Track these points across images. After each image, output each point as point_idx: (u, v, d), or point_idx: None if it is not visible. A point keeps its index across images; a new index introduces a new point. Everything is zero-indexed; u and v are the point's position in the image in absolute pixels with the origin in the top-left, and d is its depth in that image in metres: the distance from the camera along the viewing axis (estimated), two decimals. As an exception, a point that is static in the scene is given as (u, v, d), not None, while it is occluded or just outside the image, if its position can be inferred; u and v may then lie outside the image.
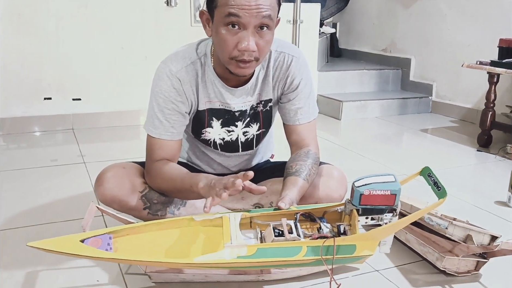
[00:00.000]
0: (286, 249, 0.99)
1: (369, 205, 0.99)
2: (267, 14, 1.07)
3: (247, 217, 1.10)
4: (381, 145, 2.71)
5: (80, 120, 2.78)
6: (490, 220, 1.65)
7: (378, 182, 0.98)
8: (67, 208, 1.65)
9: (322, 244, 0.98)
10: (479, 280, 1.25)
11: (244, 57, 1.10)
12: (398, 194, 0.98)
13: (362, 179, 1.00)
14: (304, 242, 1.00)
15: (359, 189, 0.98)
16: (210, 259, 0.98)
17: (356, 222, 1.02)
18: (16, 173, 2.00)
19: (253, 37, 1.08)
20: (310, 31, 3.26)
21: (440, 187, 1.01)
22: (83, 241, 0.98)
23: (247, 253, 0.98)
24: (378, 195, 0.98)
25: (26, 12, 2.56)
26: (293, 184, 1.16)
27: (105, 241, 0.99)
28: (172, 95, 1.21)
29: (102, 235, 1.01)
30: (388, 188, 0.98)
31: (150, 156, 1.25)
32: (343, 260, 1.02)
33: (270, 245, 1.00)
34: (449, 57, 3.39)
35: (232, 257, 0.97)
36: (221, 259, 0.98)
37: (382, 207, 1.00)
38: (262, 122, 1.35)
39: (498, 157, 2.42)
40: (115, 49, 2.79)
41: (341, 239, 1.00)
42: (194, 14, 2.85)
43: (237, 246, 0.98)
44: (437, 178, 1.03)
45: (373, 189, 0.98)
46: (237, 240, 0.99)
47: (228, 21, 1.07)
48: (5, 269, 1.25)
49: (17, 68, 2.60)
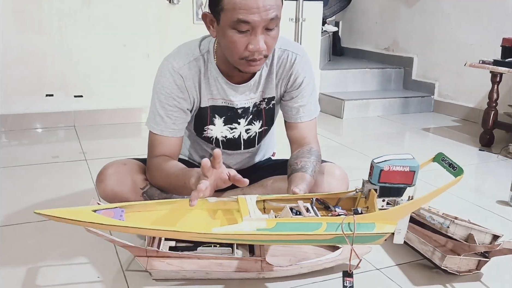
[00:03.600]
0: (306, 224, 0.98)
1: (388, 183, 0.99)
2: (274, 15, 1.07)
3: (261, 199, 1.08)
4: (383, 144, 2.71)
5: (82, 117, 2.78)
6: (491, 219, 1.65)
7: (397, 159, 0.99)
8: (68, 204, 1.65)
9: (343, 220, 0.98)
10: (481, 279, 1.25)
11: (254, 56, 1.10)
12: (416, 172, 0.99)
13: (381, 156, 1.00)
14: (324, 219, 0.99)
15: (379, 165, 0.98)
16: (229, 230, 0.96)
17: (375, 201, 1.01)
18: (17, 170, 2.00)
19: (262, 37, 1.09)
20: (312, 30, 3.26)
21: (455, 167, 1.02)
22: (95, 211, 0.97)
23: (266, 226, 0.97)
24: (397, 171, 0.98)
25: (29, 9, 2.56)
26: (301, 179, 1.16)
27: (117, 213, 0.98)
28: (174, 91, 1.21)
29: (114, 208, 1.00)
30: (407, 164, 0.98)
31: (151, 152, 1.25)
32: (363, 238, 1.01)
33: (289, 219, 0.98)
34: (452, 56, 3.38)
35: (251, 229, 0.96)
36: (240, 231, 0.96)
37: (401, 185, 1.00)
38: (264, 119, 1.35)
39: (500, 156, 2.42)
40: (117, 46, 2.79)
41: (361, 216, 0.99)
42: (197, 12, 2.85)
43: (256, 219, 0.97)
44: (452, 160, 1.04)
45: (392, 165, 0.97)
46: (256, 215, 0.98)
47: (237, 25, 1.07)
48: (7, 266, 1.25)
49: (19, 65, 2.60)
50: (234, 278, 1.19)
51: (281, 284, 1.19)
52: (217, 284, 1.18)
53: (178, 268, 1.15)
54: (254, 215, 0.98)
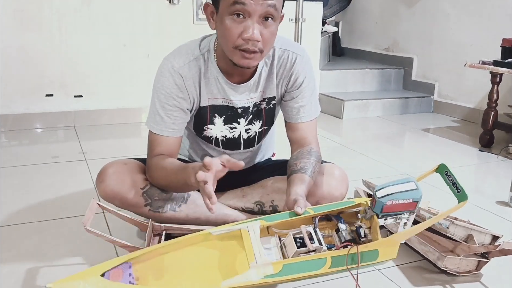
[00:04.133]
0: (311, 262, 0.98)
1: (390, 212, 0.99)
2: (272, 3, 1.07)
3: (265, 226, 1.07)
4: (383, 144, 2.71)
5: (81, 117, 2.78)
6: (491, 220, 1.64)
7: (400, 191, 0.96)
8: (68, 204, 1.65)
9: (347, 253, 0.97)
10: (480, 280, 1.25)
11: (248, 46, 1.09)
12: (419, 201, 0.98)
13: (384, 188, 0.98)
14: (329, 253, 0.98)
15: (382, 200, 0.96)
16: (238, 282, 0.95)
17: (378, 228, 1.00)
18: (17, 170, 2.00)
19: (258, 26, 1.08)
20: (312, 30, 3.26)
21: (459, 189, 1.00)
22: (103, 275, 0.94)
23: (273, 271, 0.96)
24: (400, 204, 0.97)
25: (29, 9, 2.55)
26: (300, 181, 1.16)
27: (126, 271, 0.96)
28: (174, 91, 1.21)
29: (121, 264, 0.97)
30: (410, 197, 0.96)
31: (150, 152, 1.25)
32: (366, 266, 1.01)
33: (294, 260, 0.98)
34: (452, 57, 3.38)
35: (259, 277, 0.95)
36: (248, 281, 0.95)
37: (403, 211, 0.99)
38: (264, 119, 1.35)
39: (500, 157, 2.42)
40: (117, 46, 2.78)
41: (364, 246, 0.99)
42: (197, 12, 2.85)
43: (262, 266, 0.96)
44: (455, 178, 1.02)
45: (395, 199, 0.96)
46: (261, 258, 0.97)
47: (233, 9, 1.06)
48: (6, 266, 1.25)
49: (19, 64, 2.60)
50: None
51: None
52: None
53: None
54: (260, 259, 0.97)
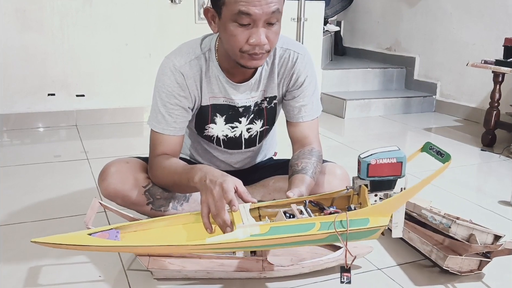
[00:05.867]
0: (299, 225, 0.98)
1: (377, 177, 0.99)
2: (275, 8, 1.07)
3: (256, 207, 1.08)
4: (385, 143, 2.69)
5: (83, 117, 2.78)
6: (493, 219, 1.64)
7: (383, 151, 1.00)
8: (70, 204, 1.66)
9: (335, 218, 0.98)
10: (482, 280, 1.25)
11: (255, 50, 1.10)
12: (404, 162, 0.99)
13: (367, 151, 1.01)
14: (317, 218, 0.99)
15: (366, 160, 0.99)
16: (223, 239, 0.96)
17: (367, 196, 1.02)
18: (19, 169, 2.01)
19: (264, 30, 1.09)
20: (314, 29, 3.26)
21: (443, 154, 1.04)
22: (90, 234, 0.97)
23: (260, 232, 0.97)
24: (384, 163, 0.99)
25: (31, 9, 2.56)
26: (301, 182, 1.16)
27: (113, 234, 0.99)
28: (175, 90, 1.21)
29: (110, 230, 1.00)
30: (393, 156, 0.99)
31: (152, 151, 1.26)
32: (358, 234, 1.01)
33: (283, 223, 0.99)
34: (454, 56, 3.37)
35: (245, 235, 0.96)
36: (234, 238, 0.96)
37: (390, 178, 1.00)
38: (266, 119, 1.35)
39: (502, 156, 2.41)
40: (119, 45, 2.79)
41: (354, 213, 1.00)
42: (198, 11, 2.85)
43: (249, 226, 0.97)
44: (438, 147, 1.06)
45: (379, 158, 0.98)
46: (249, 221, 0.98)
47: (238, 18, 1.07)
48: (8, 265, 1.25)
49: (21, 64, 2.60)
50: (235, 278, 1.19)
51: (282, 284, 1.19)
52: (218, 283, 1.18)
53: (179, 267, 1.16)
54: (247, 222, 0.98)
